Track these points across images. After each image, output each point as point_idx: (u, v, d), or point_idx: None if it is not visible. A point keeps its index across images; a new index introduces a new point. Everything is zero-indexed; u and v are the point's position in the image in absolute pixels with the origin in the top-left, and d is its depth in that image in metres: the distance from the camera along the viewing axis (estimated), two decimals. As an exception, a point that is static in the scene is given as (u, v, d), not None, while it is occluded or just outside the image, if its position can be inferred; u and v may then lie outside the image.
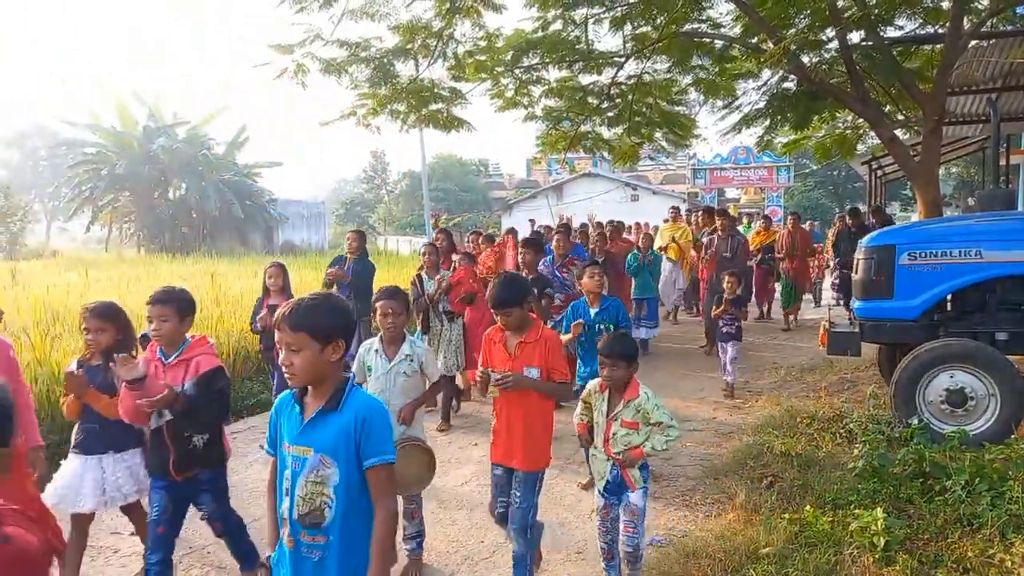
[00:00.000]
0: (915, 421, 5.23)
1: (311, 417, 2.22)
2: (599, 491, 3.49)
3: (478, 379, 3.49)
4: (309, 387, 2.28)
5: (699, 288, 11.40)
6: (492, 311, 3.54)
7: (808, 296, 13.95)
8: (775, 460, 5.18)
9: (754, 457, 5.29)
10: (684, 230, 12.32)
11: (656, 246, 11.45)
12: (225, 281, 12.64)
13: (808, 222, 18.19)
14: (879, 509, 3.81)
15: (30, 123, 57.24)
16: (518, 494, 3.43)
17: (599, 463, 3.45)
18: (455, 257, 7.60)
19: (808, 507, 4.06)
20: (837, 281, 12.36)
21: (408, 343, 3.84)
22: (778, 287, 12.83)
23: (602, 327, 4.79)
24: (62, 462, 3.69)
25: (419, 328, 6.87)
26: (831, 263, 14.25)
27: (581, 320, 4.90)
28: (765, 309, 12.95)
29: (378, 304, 3.81)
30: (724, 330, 7.56)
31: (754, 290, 12.36)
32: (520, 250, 7.43)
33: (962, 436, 4.88)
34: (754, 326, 11.70)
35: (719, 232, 9.82)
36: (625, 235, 12.62)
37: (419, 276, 6.97)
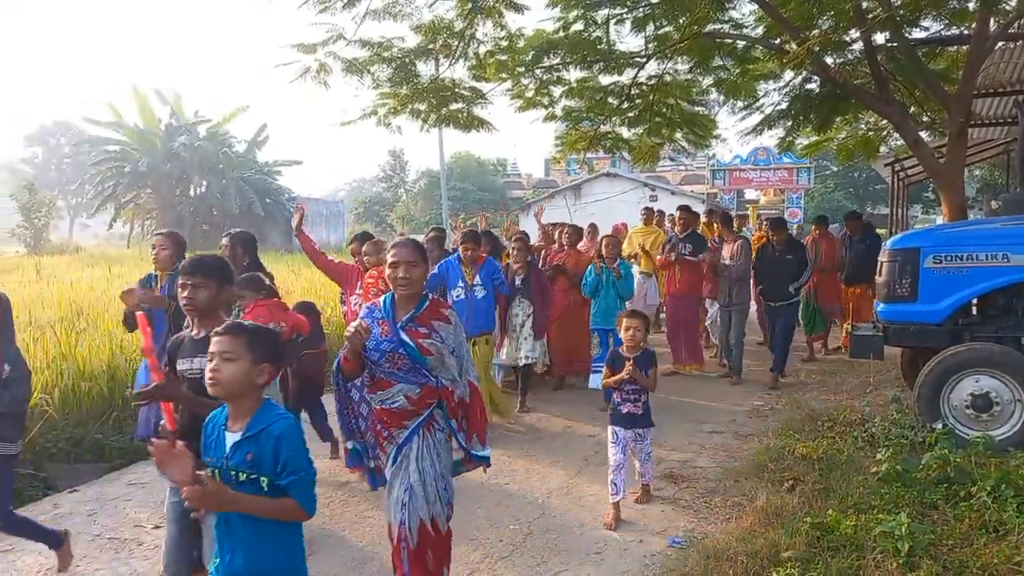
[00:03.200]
0: (939, 426, 5.17)
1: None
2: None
3: None
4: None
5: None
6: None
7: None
8: (796, 463, 5.14)
9: (775, 460, 5.25)
10: (657, 235, 10.09)
11: (625, 254, 9.31)
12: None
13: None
14: (903, 514, 3.78)
15: (54, 120, 57.77)
16: None
17: None
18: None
19: (830, 511, 4.03)
20: None
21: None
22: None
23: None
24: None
25: None
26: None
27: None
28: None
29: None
30: (624, 411, 4.68)
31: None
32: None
33: (987, 441, 4.82)
34: (757, 351, 9.56)
35: (715, 237, 8.79)
36: (588, 242, 9.79)
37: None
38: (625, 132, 10.89)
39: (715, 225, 9.62)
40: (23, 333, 7.11)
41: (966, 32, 7.94)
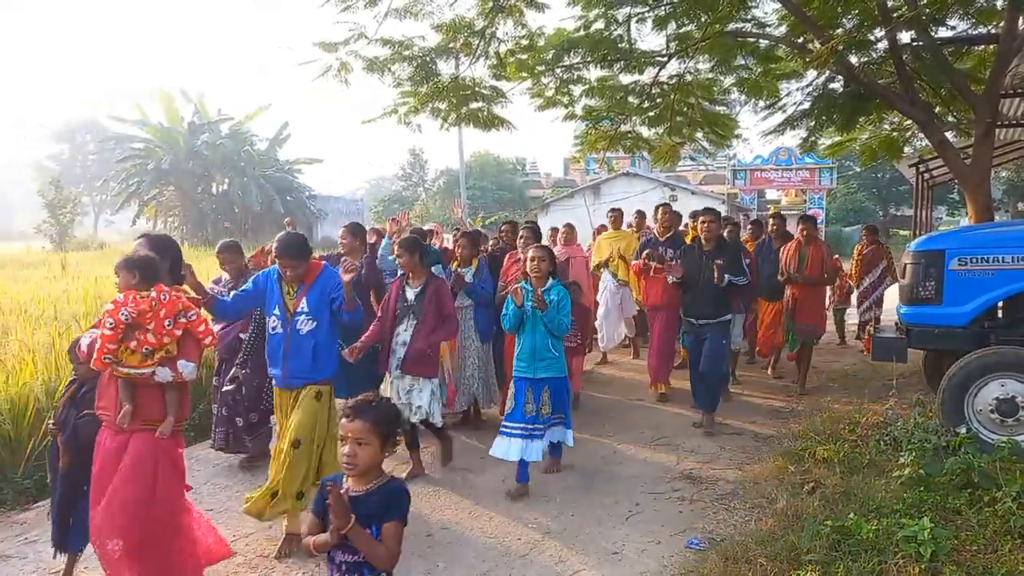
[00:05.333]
0: (963, 430, 5.10)
1: None
2: None
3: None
4: None
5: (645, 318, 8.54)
6: None
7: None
8: (817, 466, 5.11)
9: (795, 462, 5.22)
10: (629, 239, 8.86)
11: (594, 263, 8.92)
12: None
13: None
14: (926, 518, 3.74)
15: (80, 118, 58.55)
16: None
17: None
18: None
19: (852, 514, 3.99)
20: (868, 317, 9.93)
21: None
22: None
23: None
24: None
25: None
26: (853, 288, 10.75)
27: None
28: (756, 350, 8.94)
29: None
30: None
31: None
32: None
33: (1012, 446, 4.76)
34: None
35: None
36: (562, 247, 8.45)
37: None
38: (645, 131, 10.84)
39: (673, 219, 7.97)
40: (49, 328, 7.23)
41: (993, 31, 7.83)
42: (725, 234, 7.98)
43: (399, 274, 5.41)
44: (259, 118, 33.68)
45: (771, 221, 8.89)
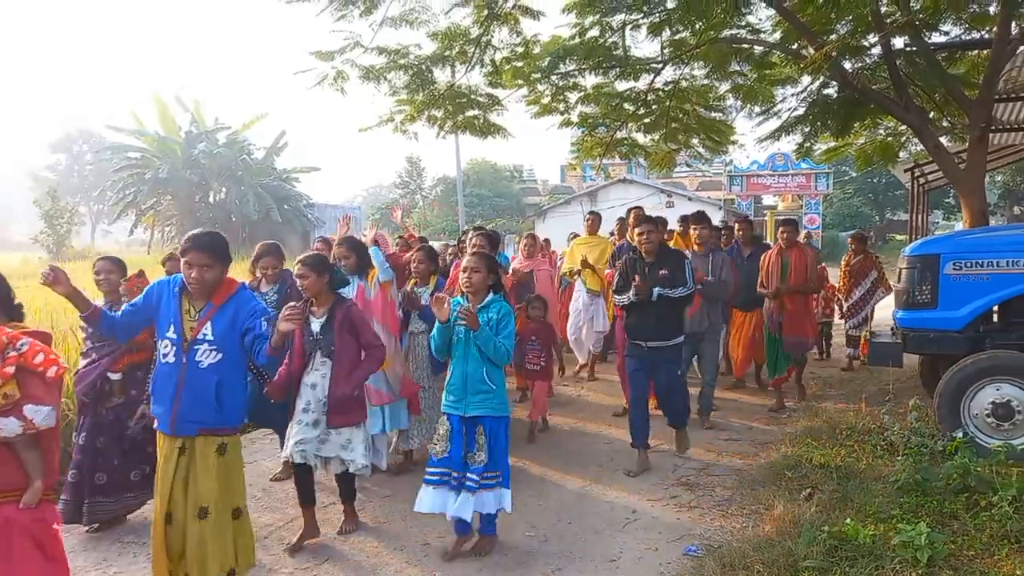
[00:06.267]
0: (960, 434, 5.09)
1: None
2: None
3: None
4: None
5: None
6: None
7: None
8: (814, 471, 5.10)
9: (792, 468, 5.21)
10: (604, 246, 8.28)
11: (564, 270, 8.62)
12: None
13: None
14: (922, 523, 3.73)
15: (77, 128, 58.58)
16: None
17: None
18: None
19: (848, 520, 3.98)
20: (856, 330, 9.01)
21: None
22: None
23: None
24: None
25: None
26: (842, 302, 9.72)
27: None
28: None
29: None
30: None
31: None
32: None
33: (1009, 450, 4.75)
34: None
35: (695, 247, 6.85)
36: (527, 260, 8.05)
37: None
38: (641, 138, 10.88)
39: (690, 234, 7.30)
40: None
41: (987, 36, 7.86)
42: (723, 241, 8.01)
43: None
44: (256, 127, 33.66)
45: (737, 225, 8.36)
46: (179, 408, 3.30)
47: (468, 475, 3.99)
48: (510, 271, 7.80)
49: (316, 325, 4.23)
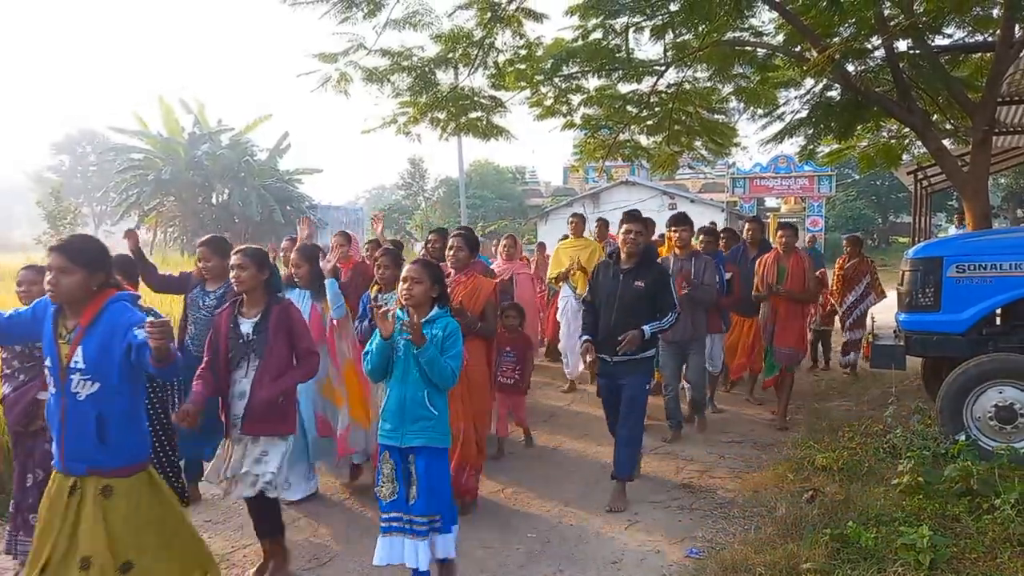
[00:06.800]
0: (962, 437, 5.10)
1: None
2: None
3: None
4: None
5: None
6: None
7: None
8: (816, 473, 5.10)
9: (794, 470, 5.21)
10: (592, 248, 8.09)
11: (551, 275, 8.17)
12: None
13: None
14: (925, 526, 3.74)
15: (80, 129, 58.69)
16: None
17: None
18: None
19: (851, 522, 3.99)
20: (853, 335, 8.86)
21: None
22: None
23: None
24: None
25: None
26: (836, 308, 9.35)
27: None
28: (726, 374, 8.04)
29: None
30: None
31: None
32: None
33: (1011, 453, 4.76)
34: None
35: (676, 251, 6.45)
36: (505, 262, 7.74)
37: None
38: (644, 140, 10.88)
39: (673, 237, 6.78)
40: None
41: (990, 39, 7.86)
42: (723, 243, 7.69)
43: (225, 304, 4.07)
44: (259, 128, 33.70)
45: (747, 226, 8.11)
46: (66, 444, 2.85)
47: (415, 519, 3.50)
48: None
49: (247, 326, 3.74)
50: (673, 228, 6.44)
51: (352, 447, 5.02)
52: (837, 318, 9.44)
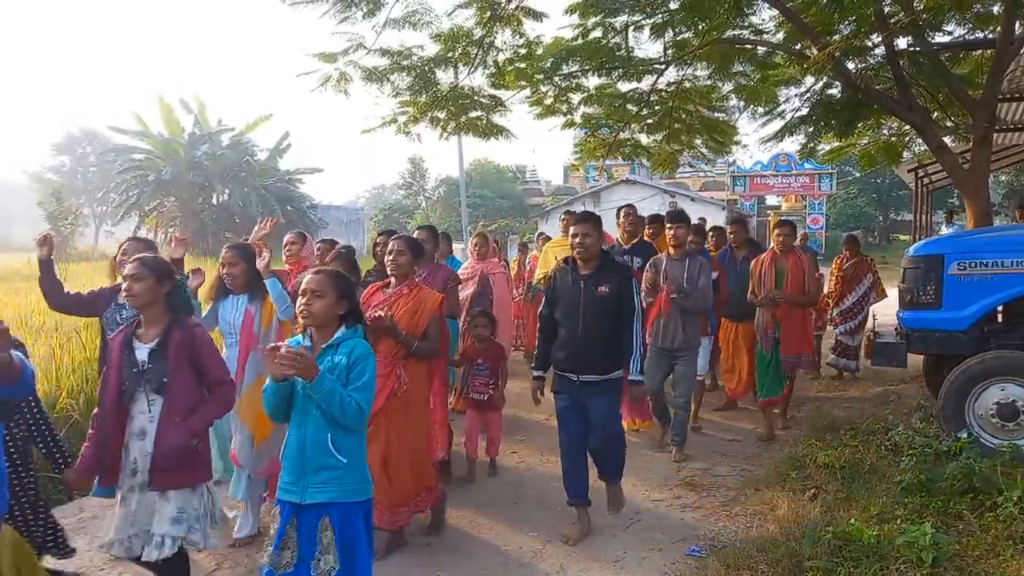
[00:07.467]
0: (964, 435, 5.08)
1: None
2: None
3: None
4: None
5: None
6: None
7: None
8: (818, 471, 5.10)
9: (796, 468, 5.21)
10: None
11: (538, 276, 7.37)
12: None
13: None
14: (927, 524, 3.73)
15: (81, 129, 58.69)
16: None
17: None
18: None
19: (853, 520, 3.98)
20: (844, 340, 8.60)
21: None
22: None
23: None
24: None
25: None
26: (831, 308, 8.95)
27: None
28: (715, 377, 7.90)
29: None
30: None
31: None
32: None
33: (1014, 451, 4.74)
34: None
35: (670, 250, 5.94)
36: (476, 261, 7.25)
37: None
38: (644, 139, 10.87)
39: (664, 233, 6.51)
40: (50, 339, 7.24)
41: (990, 36, 7.85)
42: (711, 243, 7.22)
43: (121, 326, 3.39)
44: (260, 128, 33.71)
45: (730, 228, 7.68)
46: None
47: None
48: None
49: (143, 352, 3.13)
50: (669, 225, 5.96)
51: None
52: (829, 321, 9.01)
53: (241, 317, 4.34)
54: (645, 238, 6.76)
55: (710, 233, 7.94)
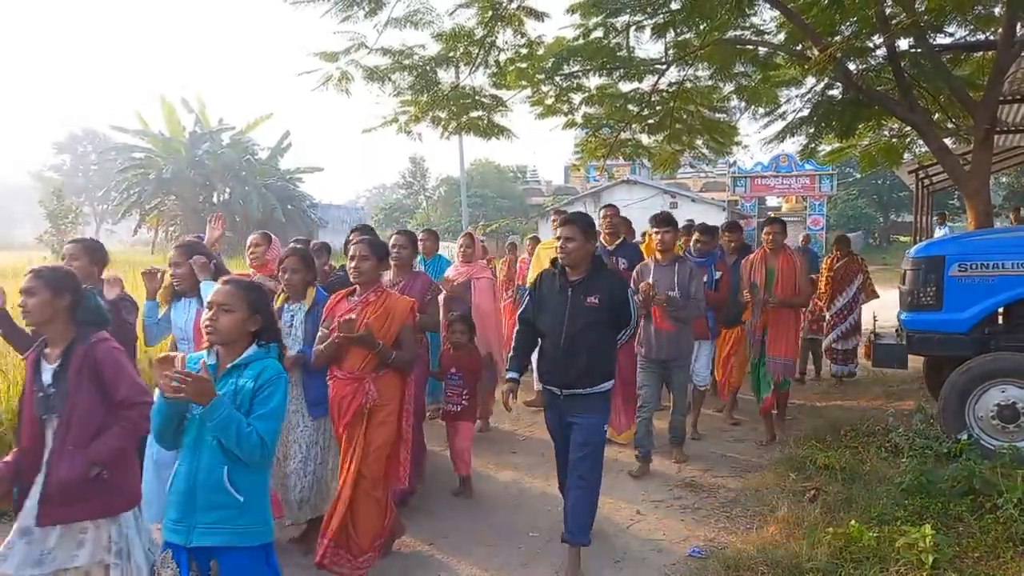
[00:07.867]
0: (964, 436, 5.10)
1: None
2: None
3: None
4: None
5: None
6: None
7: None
8: (818, 473, 5.10)
9: (796, 470, 5.22)
10: None
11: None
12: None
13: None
14: (927, 526, 3.73)
15: (82, 128, 58.75)
16: None
17: None
18: None
19: (853, 522, 3.98)
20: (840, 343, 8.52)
21: None
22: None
23: None
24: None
25: None
26: (823, 312, 8.82)
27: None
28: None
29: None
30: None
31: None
32: None
33: (1014, 453, 4.75)
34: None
35: (657, 255, 5.68)
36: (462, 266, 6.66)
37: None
38: (645, 139, 10.86)
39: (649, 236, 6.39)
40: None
41: (991, 37, 7.85)
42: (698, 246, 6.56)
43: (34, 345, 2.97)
44: (260, 127, 33.74)
45: (726, 236, 7.39)
46: None
47: None
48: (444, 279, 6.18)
49: (48, 374, 2.80)
50: (656, 229, 5.67)
51: None
52: (825, 325, 8.86)
53: (192, 320, 4.04)
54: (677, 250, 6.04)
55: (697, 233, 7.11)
